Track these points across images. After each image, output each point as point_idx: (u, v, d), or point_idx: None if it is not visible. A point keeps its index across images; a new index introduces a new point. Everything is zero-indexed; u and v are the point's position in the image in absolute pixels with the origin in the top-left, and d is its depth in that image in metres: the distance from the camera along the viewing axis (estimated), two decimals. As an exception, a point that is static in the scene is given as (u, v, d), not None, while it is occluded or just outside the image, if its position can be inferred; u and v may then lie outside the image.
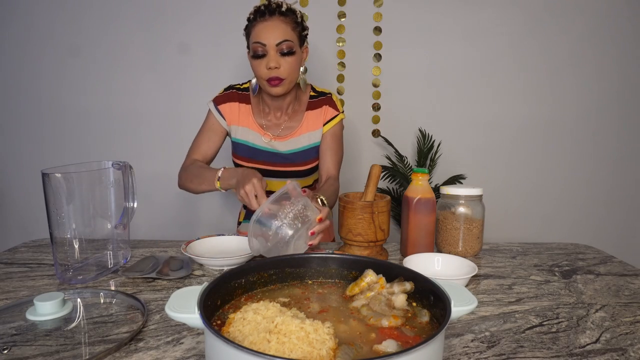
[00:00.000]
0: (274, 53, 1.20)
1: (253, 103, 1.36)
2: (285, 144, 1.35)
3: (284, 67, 1.21)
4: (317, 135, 1.37)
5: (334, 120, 1.38)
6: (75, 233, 0.95)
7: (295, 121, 1.36)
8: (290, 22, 1.22)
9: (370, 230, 1.05)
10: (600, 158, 2.25)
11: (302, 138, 1.36)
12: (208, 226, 2.22)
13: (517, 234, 2.15)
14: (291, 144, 1.36)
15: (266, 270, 0.69)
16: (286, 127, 1.36)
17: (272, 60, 1.19)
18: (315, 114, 1.37)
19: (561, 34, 2.13)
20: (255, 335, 0.51)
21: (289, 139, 1.36)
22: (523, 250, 1.21)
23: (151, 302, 0.84)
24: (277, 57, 1.20)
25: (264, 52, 1.20)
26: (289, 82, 1.24)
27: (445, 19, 2.11)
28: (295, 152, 1.36)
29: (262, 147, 1.35)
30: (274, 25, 1.19)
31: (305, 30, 1.27)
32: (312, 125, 1.37)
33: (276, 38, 1.19)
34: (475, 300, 0.56)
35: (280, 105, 1.34)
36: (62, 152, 2.19)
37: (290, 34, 1.21)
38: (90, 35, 2.10)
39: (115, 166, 1.01)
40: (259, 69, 1.22)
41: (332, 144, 1.38)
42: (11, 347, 0.66)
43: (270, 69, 1.20)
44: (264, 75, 1.22)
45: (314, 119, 1.37)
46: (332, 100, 1.39)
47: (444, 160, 2.22)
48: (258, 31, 1.20)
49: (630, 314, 0.82)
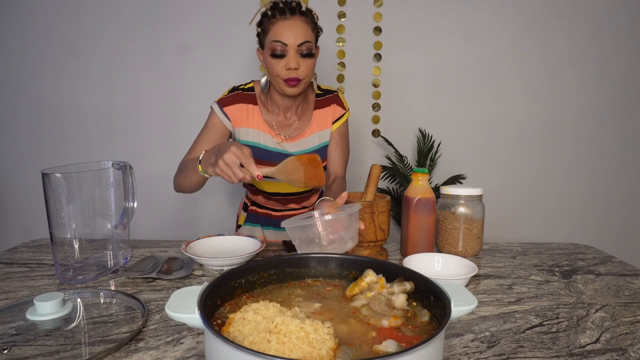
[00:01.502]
0: (294, 54, 1.17)
1: (260, 104, 1.33)
2: (295, 145, 1.33)
3: (303, 68, 1.18)
4: (326, 134, 1.36)
5: (342, 118, 1.37)
6: (75, 233, 0.95)
7: (305, 121, 1.35)
8: (310, 22, 1.19)
9: (370, 230, 1.05)
10: (600, 158, 2.25)
11: (313, 138, 1.35)
12: (208, 226, 2.22)
13: (517, 234, 2.15)
14: (302, 144, 1.34)
15: (266, 270, 0.69)
16: (296, 127, 1.34)
17: (292, 61, 1.16)
18: (324, 113, 1.36)
19: (560, 33, 2.13)
20: (255, 335, 0.51)
21: (300, 139, 1.34)
22: (523, 250, 1.21)
23: (151, 302, 0.84)
24: (298, 58, 1.17)
25: (284, 52, 1.16)
26: (305, 83, 1.22)
27: (445, 19, 2.11)
28: (306, 152, 1.34)
29: (273, 148, 1.32)
30: (295, 25, 1.16)
31: (320, 31, 1.25)
32: (322, 124, 1.35)
33: (297, 39, 1.16)
34: (475, 300, 0.56)
35: (290, 106, 1.32)
36: (62, 152, 2.19)
37: (310, 35, 1.18)
38: (90, 35, 2.10)
39: (115, 166, 1.01)
40: (277, 68, 1.18)
41: (341, 142, 1.38)
42: (11, 347, 0.66)
43: (289, 69, 1.17)
44: (282, 75, 1.18)
45: (323, 117, 1.35)
46: (340, 99, 1.38)
47: (444, 160, 2.22)
48: (278, 29, 1.16)
49: (630, 314, 0.82)
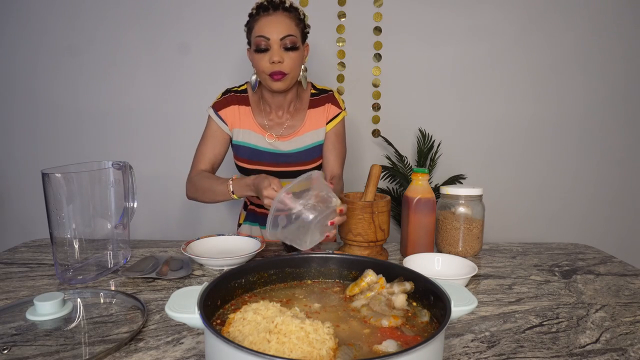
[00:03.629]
0: (278, 47, 1.19)
1: (253, 104, 1.34)
2: (288, 144, 1.34)
3: (287, 62, 1.20)
4: (320, 133, 1.36)
5: (337, 118, 1.37)
6: (75, 233, 0.95)
7: (298, 120, 1.35)
8: (294, 18, 1.21)
9: (370, 230, 1.05)
10: (601, 158, 2.24)
11: (306, 137, 1.35)
12: (208, 226, 2.22)
13: (517, 234, 2.15)
14: (294, 143, 1.34)
15: (266, 270, 0.69)
16: (289, 126, 1.35)
17: (275, 55, 1.18)
18: (318, 112, 1.36)
19: (564, 32, 2.12)
20: (255, 335, 0.51)
21: (293, 137, 1.34)
22: (523, 250, 1.21)
23: (151, 302, 0.84)
24: (281, 52, 1.19)
25: (267, 47, 1.19)
26: (291, 78, 1.23)
27: (445, 18, 2.11)
28: (299, 151, 1.35)
29: (265, 148, 1.34)
30: (278, 20, 1.19)
31: (307, 28, 1.27)
32: (315, 123, 1.36)
33: (280, 32, 1.18)
34: (475, 300, 0.56)
35: (281, 104, 1.33)
36: (61, 152, 2.19)
37: (294, 30, 1.20)
38: (89, 35, 2.10)
39: (115, 166, 1.01)
40: (261, 63, 1.20)
41: (336, 142, 1.38)
42: (11, 347, 0.66)
43: (273, 63, 1.19)
44: (267, 69, 1.20)
45: (316, 117, 1.36)
46: (335, 98, 1.38)
47: (444, 160, 2.21)
48: (262, 25, 1.19)
49: (630, 314, 0.82)
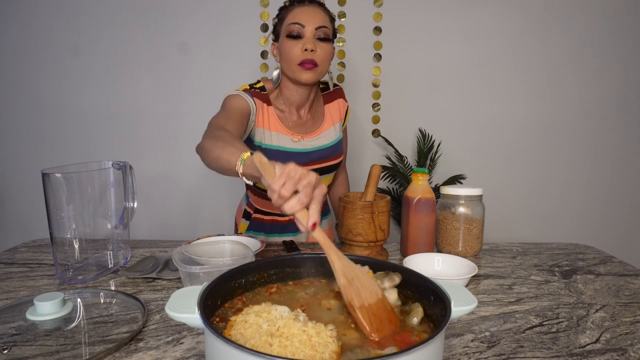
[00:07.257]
0: (311, 36, 1.17)
1: (274, 102, 1.29)
2: (314, 140, 1.32)
3: (320, 52, 1.18)
4: (339, 127, 1.38)
5: (347, 112, 1.42)
6: (75, 233, 0.95)
7: (319, 116, 1.35)
8: (328, 14, 1.22)
9: (370, 230, 1.05)
10: (600, 158, 2.25)
11: (330, 132, 1.35)
12: (208, 226, 2.22)
13: (517, 234, 2.15)
14: (322, 139, 1.33)
15: (266, 270, 0.69)
16: (311, 123, 1.33)
17: (309, 42, 1.16)
18: (334, 107, 1.38)
19: (561, 33, 2.13)
20: (257, 338, 0.50)
21: (320, 134, 1.33)
22: (523, 250, 1.21)
23: (151, 302, 0.84)
24: (314, 41, 1.18)
25: (301, 34, 1.16)
26: (320, 71, 1.21)
27: (445, 19, 2.11)
28: (326, 147, 1.33)
29: (293, 148, 1.29)
30: (314, 11, 1.19)
31: (336, 30, 1.28)
32: (335, 118, 1.37)
33: (316, 22, 1.17)
34: (475, 300, 0.55)
35: (302, 102, 1.29)
36: (62, 152, 2.19)
37: (328, 22, 1.20)
38: (90, 35, 2.10)
39: (115, 166, 1.01)
40: (293, 50, 1.17)
41: (345, 138, 1.43)
42: (11, 347, 0.66)
43: (306, 50, 1.16)
44: (298, 57, 1.17)
45: (334, 111, 1.38)
46: (343, 92, 1.41)
47: (444, 160, 2.21)
48: (297, 13, 1.18)
49: (630, 314, 0.82)
